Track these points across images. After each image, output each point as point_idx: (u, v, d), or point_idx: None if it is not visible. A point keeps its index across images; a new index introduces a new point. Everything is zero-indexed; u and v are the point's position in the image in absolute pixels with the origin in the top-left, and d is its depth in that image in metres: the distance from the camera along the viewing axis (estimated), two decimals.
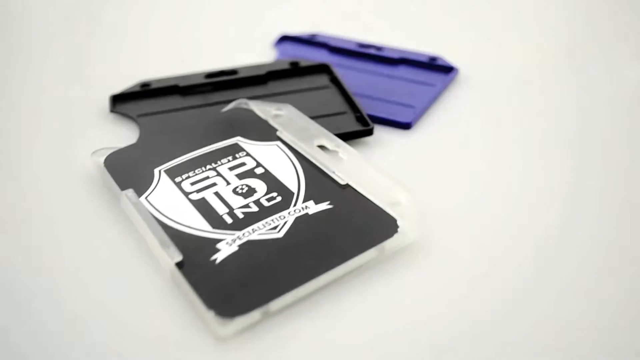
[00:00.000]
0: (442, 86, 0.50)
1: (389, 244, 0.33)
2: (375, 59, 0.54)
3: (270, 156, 0.39)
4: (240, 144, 0.40)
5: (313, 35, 0.57)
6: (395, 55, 0.53)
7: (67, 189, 0.39)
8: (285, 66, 0.50)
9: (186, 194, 0.36)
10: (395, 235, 0.33)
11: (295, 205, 0.35)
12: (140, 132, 0.44)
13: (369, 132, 0.43)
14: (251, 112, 0.43)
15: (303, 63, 0.51)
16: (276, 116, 0.42)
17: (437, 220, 0.36)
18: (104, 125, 0.46)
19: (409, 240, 0.34)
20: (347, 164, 0.38)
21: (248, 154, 0.39)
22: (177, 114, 0.46)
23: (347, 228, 0.34)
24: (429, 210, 0.36)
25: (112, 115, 0.47)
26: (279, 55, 0.55)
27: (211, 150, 0.39)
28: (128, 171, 0.38)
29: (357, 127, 0.43)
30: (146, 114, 0.46)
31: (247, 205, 0.35)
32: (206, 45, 0.58)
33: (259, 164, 0.38)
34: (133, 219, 0.35)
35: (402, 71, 0.52)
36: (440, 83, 0.50)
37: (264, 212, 0.34)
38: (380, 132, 0.44)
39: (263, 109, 0.43)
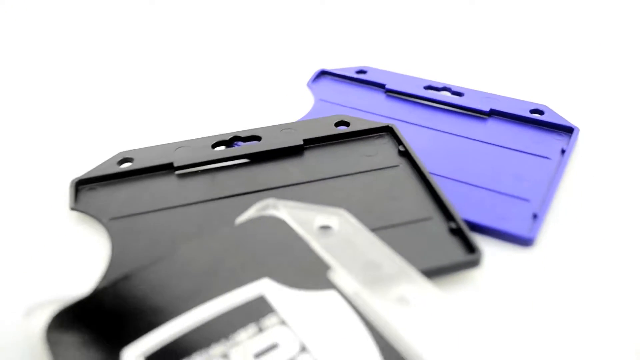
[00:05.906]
0: (565, 160, 0.33)
1: None
2: (452, 108, 0.38)
3: (320, 325, 0.23)
4: (269, 297, 0.24)
5: (361, 71, 0.41)
6: (482, 105, 0.37)
7: None
8: (329, 129, 0.34)
9: None
10: None
11: None
12: (112, 255, 0.28)
13: (474, 263, 0.27)
14: (282, 225, 0.27)
15: (356, 124, 0.35)
16: (323, 231, 0.26)
17: None
18: (63, 233, 0.30)
19: None
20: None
21: (282, 322, 0.23)
22: (168, 215, 0.30)
23: None
24: None
25: (75, 215, 0.31)
26: (315, 100, 0.39)
27: (220, 312, 0.23)
28: (82, 351, 0.22)
29: (454, 255, 0.27)
30: (121, 217, 0.30)
31: None
32: (212, 88, 0.42)
33: (303, 349, 0.22)
34: None
35: (494, 130, 0.36)
36: (556, 152, 0.34)
37: None
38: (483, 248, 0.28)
39: (301, 219, 0.27)
